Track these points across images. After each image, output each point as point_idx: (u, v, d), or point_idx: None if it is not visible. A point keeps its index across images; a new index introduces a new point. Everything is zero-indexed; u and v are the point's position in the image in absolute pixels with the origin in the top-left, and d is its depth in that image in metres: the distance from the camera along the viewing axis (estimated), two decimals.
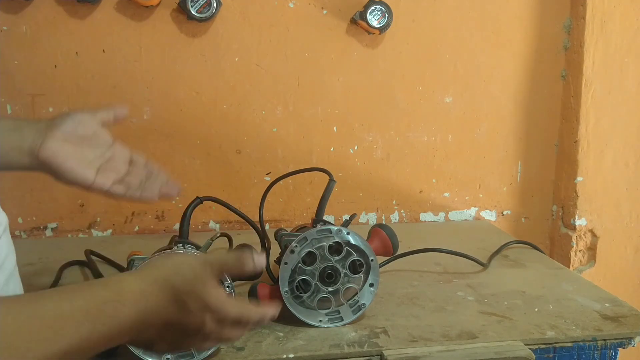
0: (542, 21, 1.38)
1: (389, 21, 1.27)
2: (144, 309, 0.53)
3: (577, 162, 1.37)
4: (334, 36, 1.30)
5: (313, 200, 1.34)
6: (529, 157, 1.44)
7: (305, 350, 0.76)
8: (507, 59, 1.39)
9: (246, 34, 1.27)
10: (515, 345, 0.79)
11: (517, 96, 1.41)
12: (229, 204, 0.94)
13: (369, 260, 0.83)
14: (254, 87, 1.29)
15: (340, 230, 0.82)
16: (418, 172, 1.40)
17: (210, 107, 1.28)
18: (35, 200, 1.24)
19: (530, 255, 1.17)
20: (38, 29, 1.19)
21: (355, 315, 0.83)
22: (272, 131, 1.32)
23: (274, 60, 1.29)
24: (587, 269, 1.43)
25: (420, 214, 1.42)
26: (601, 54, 1.34)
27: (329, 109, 1.33)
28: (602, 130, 1.37)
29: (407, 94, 1.36)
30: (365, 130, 1.35)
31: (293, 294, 0.81)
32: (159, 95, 1.25)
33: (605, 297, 0.94)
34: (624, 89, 1.36)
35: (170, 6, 1.23)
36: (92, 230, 1.28)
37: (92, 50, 1.21)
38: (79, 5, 1.19)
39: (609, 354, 0.83)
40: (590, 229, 1.41)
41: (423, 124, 1.38)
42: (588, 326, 0.84)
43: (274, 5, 1.27)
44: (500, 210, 1.46)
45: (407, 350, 0.77)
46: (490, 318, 0.86)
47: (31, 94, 1.21)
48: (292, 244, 0.80)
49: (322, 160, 1.34)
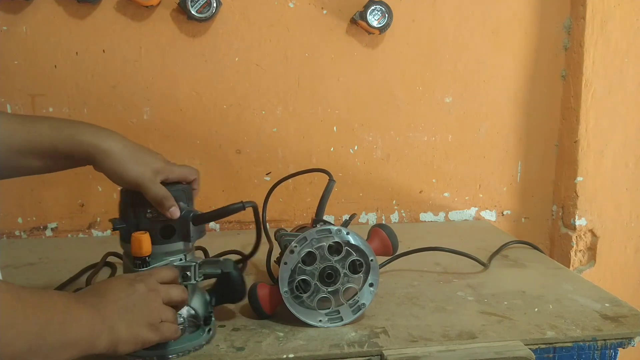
0: (542, 21, 1.38)
1: (389, 21, 1.27)
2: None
3: (577, 162, 1.37)
4: (334, 36, 1.30)
5: (313, 200, 1.34)
6: (529, 157, 1.44)
7: (305, 350, 0.76)
8: (507, 59, 1.39)
9: (246, 34, 1.27)
10: (515, 345, 0.79)
11: (517, 96, 1.41)
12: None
13: (369, 260, 0.83)
14: (254, 87, 1.29)
15: (340, 230, 0.82)
16: (418, 172, 1.40)
17: (210, 107, 1.28)
18: (35, 200, 1.24)
19: (530, 255, 1.17)
20: (38, 29, 1.19)
21: (355, 315, 0.83)
22: (272, 131, 1.32)
23: (274, 60, 1.29)
24: (587, 269, 1.43)
25: (420, 214, 1.42)
26: (601, 54, 1.34)
27: (329, 109, 1.33)
28: (602, 130, 1.37)
29: (407, 94, 1.36)
30: (365, 130, 1.36)
31: (293, 294, 0.81)
32: (159, 95, 1.25)
33: (605, 297, 0.94)
34: (624, 89, 1.36)
35: (170, 6, 1.23)
36: (92, 230, 1.28)
37: (92, 50, 1.22)
38: (79, 5, 1.19)
39: (609, 354, 0.83)
40: (590, 229, 1.41)
41: (423, 124, 1.38)
42: (588, 326, 0.84)
43: (274, 5, 1.27)
44: (500, 210, 1.46)
45: (407, 350, 0.77)
46: (490, 318, 0.86)
47: (31, 94, 1.21)
48: (291, 244, 0.80)
49: (322, 160, 1.34)
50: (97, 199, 1.27)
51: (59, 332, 0.56)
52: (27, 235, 1.25)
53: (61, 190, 1.25)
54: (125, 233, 0.76)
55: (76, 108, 1.23)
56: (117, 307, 0.64)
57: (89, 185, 1.26)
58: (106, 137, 0.75)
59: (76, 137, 0.73)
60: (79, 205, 1.27)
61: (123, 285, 0.67)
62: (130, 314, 0.65)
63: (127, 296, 0.66)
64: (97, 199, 1.27)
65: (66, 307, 0.59)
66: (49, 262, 1.09)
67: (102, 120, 1.23)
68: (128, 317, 0.65)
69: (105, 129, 0.76)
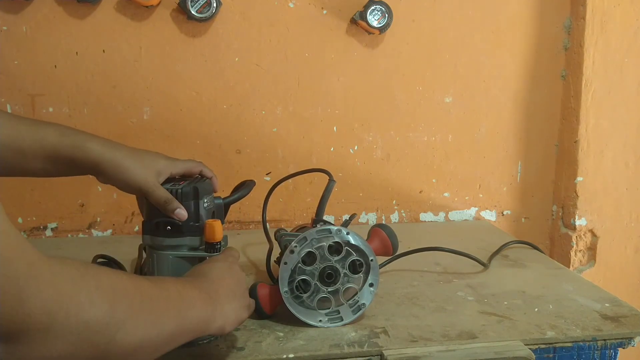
0: (542, 21, 1.38)
1: (389, 21, 1.27)
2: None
3: (577, 162, 1.37)
4: (334, 36, 1.30)
5: (313, 200, 1.34)
6: (529, 157, 1.44)
7: (305, 350, 0.76)
8: (507, 59, 1.39)
9: (246, 34, 1.27)
10: (515, 345, 0.79)
11: (517, 96, 1.41)
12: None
13: (369, 260, 0.83)
14: (254, 87, 1.29)
15: (340, 230, 0.82)
16: (418, 172, 1.40)
17: (210, 107, 1.28)
18: (35, 200, 1.24)
19: (530, 255, 1.17)
20: (38, 29, 1.19)
21: (355, 315, 0.83)
22: (272, 131, 1.32)
23: (274, 60, 1.29)
24: (587, 269, 1.43)
25: (420, 214, 1.42)
26: (601, 54, 1.34)
27: (329, 109, 1.33)
28: (602, 130, 1.37)
29: (407, 94, 1.36)
30: (365, 130, 1.36)
31: (293, 294, 0.81)
32: (159, 95, 1.25)
33: (605, 297, 0.94)
34: (624, 89, 1.36)
35: (170, 6, 1.23)
36: (92, 230, 1.28)
37: (92, 50, 1.21)
38: (79, 5, 1.19)
39: (609, 354, 0.83)
40: (590, 229, 1.41)
41: (423, 124, 1.38)
42: (588, 326, 0.84)
43: (274, 5, 1.27)
44: (500, 210, 1.46)
45: (407, 350, 0.77)
46: (490, 318, 0.86)
47: (31, 94, 1.21)
48: (291, 244, 0.80)
49: (322, 160, 1.34)
50: (97, 199, 1.27)
51: (175, 321, 0.58)
52: (27, 235, 1.25)
53: (61, 190, 1.25)
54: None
55: (76, 108, 1.23)
56: (225, 291, 0.68)
57: (89, 185, 1.26)
58: (111, 146, 0.77)
59: (81, 144, 0.75)
60: (79, 205, 1.27)
61: (225, 269, 0.72)
62: (234, 297, 0.70)
63: (231, 279, 0.71)
64: (97, 199, 1.27)
65: (180, 295, 0.61)
66: None
67: (102, 120, 1.23)
68: (233, 300, 0.69)
69: (109, 140, 0.78)
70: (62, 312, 0.45)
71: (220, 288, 0.68)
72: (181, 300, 0.61)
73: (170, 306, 0.58)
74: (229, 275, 0.71)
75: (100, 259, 1.06)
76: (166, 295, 0.59)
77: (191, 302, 0.62)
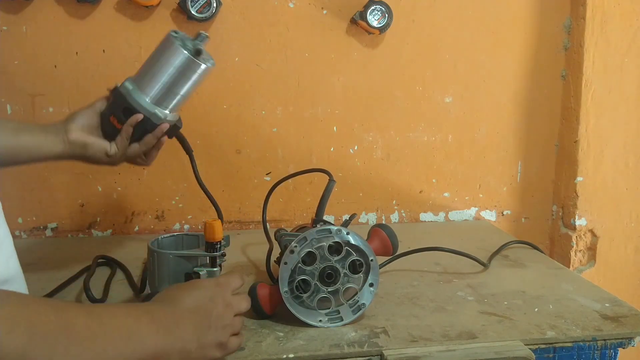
0: (542, 21, 1.38)
1: (389, 21, 1.27)
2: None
3: (577, 162, 1.37)
4: (334, 36, 1.30)
5: (313, 200, 1.34)
6: (529, 157, 1.44)
7: (305, 350, 0.76)
8: (507, 59, 1.39)
9: (246, 34, 1.27)
10: (515, 345, 0.79)
11: (517, 96, 1.41)
12: None
13: (369, 260, 0.83)
14: (254, 87, 1.29)
15: (340, 230, 0.82)
16: (418, 172, 1.40)
17: (210, 107, 1.28)
18: (35, 200, 1.24)
19: (530, 255, 1.17)
20: (38, 29, 1.19)
21: (355, 315, 0.83)
22: (272, 131, 1.32)
23: (274, 60, 1.29)
24: (587, 269, 1.43)
25: (420, 214, 1.42)
26: (601, 54, 1.34)
27: (328, 109, 1.33)
28: (602, 130, 1.37)
29: (407, 94, 1.36)
30: (365, 130, 1.36)
31: (293, 294, 0.81)
32: None
33: (605, 297, 0.94)
34: (624, 89, 1.36)
35: (170, 6, 1.23)
36: (92, 230, 1.28)
37: (92, 50, 1.21)
38: (79, 5, 1.19)
39: (609, 354, 0.83)
40: (590, 229, 1.41)
41: (423, 124, 1.38)
42: (588, 326, 0.84)
43: (274, 5, 1.27)
44: (500, 210, 1.46)
45: (407, 350, 0.77)
46: (490, 318, 0.86)
47: (31, 94, 1.21)
48: (291, 244, 0.80)
49: (322, 160, 1.34)
50: (97, 199, 1.27)
51: (123, 352, 0.54)
52: (27, 235, 1.25)
53: (61, 190, 1.25)
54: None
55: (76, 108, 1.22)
56: (194, 328, 0.63)
57: (89, 185, 1.26)
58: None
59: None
60: (79, 205, 1.27)
61: (205, 299, 0.66)
62: (204, 336, 0.64)
63: (206, 315, 0.65)
64: (97, 199, 1.27)
65: (127, 330, 0.56)
66: (49, 262, 1.09)
67: None
68: (202, 339, 0.63)
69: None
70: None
71: (187, 320, 0.62)
72: (127, 336, 0.56)
73: (108, 344, 0.53)
74: (207, 308, 0.65)
75: (100, 259, 1.06)
76: (104, 331, 0.53)
77: (140, 338, 0.57)
